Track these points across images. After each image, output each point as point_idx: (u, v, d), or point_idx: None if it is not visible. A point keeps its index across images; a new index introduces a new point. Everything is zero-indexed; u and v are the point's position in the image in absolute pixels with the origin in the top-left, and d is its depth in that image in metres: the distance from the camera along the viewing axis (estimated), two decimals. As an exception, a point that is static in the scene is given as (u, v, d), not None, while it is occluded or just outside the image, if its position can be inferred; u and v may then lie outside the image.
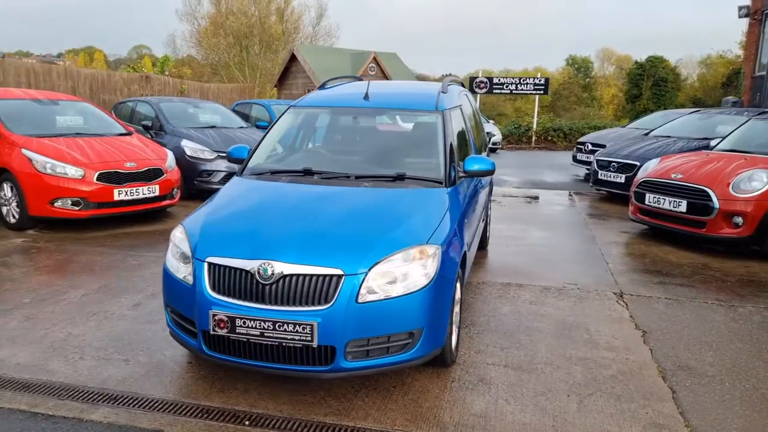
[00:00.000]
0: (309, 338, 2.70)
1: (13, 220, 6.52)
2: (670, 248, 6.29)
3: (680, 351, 3.69)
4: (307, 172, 3.70)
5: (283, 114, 4.42)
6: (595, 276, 5.24)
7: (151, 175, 6.88)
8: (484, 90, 26.99)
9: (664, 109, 22.76)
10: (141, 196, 6.76)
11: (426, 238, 3.02)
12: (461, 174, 3.82)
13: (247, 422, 2.81)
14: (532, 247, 6.33)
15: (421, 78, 42.08)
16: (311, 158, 4.18)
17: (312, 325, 2.69)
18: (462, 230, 3.55)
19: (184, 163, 8.32)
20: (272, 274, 2.75)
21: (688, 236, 6.22)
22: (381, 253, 2.85)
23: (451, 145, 3.90)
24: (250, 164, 3.98)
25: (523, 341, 3.78)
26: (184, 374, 3.27)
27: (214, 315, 2.81)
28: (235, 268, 2.83)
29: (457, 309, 3.56)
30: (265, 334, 2.74)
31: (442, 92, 4.46)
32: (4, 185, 6.53)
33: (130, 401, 2.97)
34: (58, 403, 2.93)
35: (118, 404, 2.93)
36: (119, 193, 6.55)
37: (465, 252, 3.57)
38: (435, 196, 3.48)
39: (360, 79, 5.09)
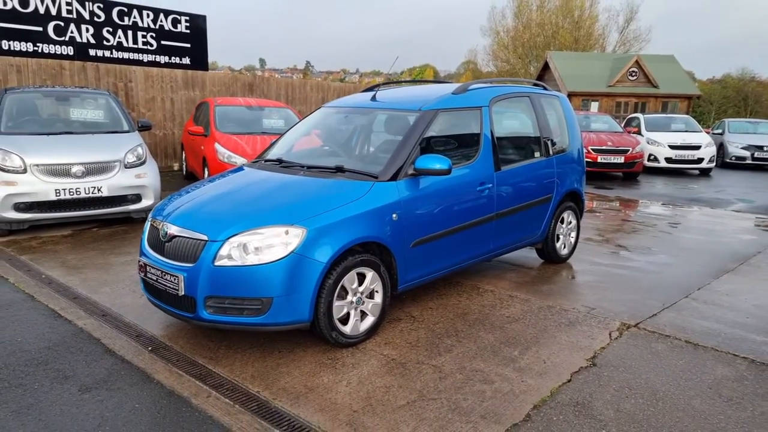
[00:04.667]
0: (177, 288, 3.36)
1: (206, 197, 8.62)
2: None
3: (603, 390, 3.09)
4: (279, 161, 4.29)
5: (313, 112, 5.07)
6: (636, 305, 4.44)
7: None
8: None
9: None
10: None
11: (297, 220, 3.34)
12: (410, 172, 3.89)
13: (149, 348, 3.61)
14: (627, 270, 5.52)
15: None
16: (296, 150, 4.73)
17: (179, 278, 3.34)
18: (388, 225, 3.68)
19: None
20: (166, 233, 3.50)
21: None
22: (243, 227, 3.31)
23: (416, 144, 3.97)
24: (263, 153, 4.74)
25: (443, 345, 3.67)
26: (161, 310, 4.23)
27: (138, 261, 3.70)
28: (153, 226, 3.67)
29: (378, 298, 3.74)
30: (159, 280, 3.50)
31: (454, 93, 4.48)
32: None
33: (110, 319, 4.06)
34: (76, 311, 4.20)
35: (101, 319, 4.06)
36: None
37: (389, 246, 3.69)
38: (350, 188, 3.68)
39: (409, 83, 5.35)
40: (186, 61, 12.88)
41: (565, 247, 5.65)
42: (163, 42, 12.39)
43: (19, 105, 7.08)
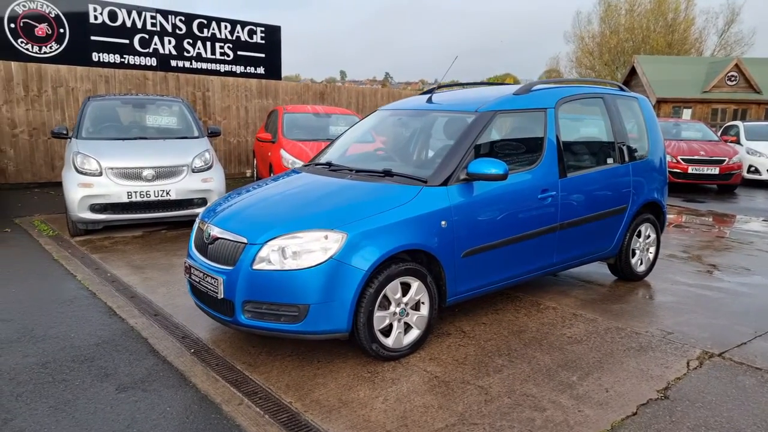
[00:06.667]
0: (216, 291, 3.29)
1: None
2: None
3: (675, 428, 2.69)
4: (328, 165, 4.17)
5: (369, 114, 4.93)
6: (722, 331, 3.92)
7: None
8: None
9: None
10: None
11: (338, 225, 3.18)
12: (463, 177, 3.64)
13: (192, 350, 3.57)
14: (715, 291, 4.94)
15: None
16: (349, 153, 4.57)
17: (219, 280, 3.27)
18: (436, 233, 3.45)
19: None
20: (210, 235, 3.45)
21: None
22: (282, 230, 3.19)
23: (469, 147, 3.72)
24: (316, 156, 4.65)
25: (493, 364, 3.37)
26: (210, 313, 4.21)
27: (185, 263, 3.68)
28: (200, 228, 3.64)
29: (424, 310, 3.51)
30: (201, 282, 3.45)
31: (515, 94, 4.19)
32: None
33: (161, 318, 4.09)
34: (131, 310, 4.27)
35: (152, 318, 4.09)
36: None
37: (437, 255, 3.45)
38: (396, 192, 3.48)
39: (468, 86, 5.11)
40: (260, 70, 13.23)
41: (641, 263, 5.15)
42: (239, 52, 12.81)
43: (100, 112, 7.46)
